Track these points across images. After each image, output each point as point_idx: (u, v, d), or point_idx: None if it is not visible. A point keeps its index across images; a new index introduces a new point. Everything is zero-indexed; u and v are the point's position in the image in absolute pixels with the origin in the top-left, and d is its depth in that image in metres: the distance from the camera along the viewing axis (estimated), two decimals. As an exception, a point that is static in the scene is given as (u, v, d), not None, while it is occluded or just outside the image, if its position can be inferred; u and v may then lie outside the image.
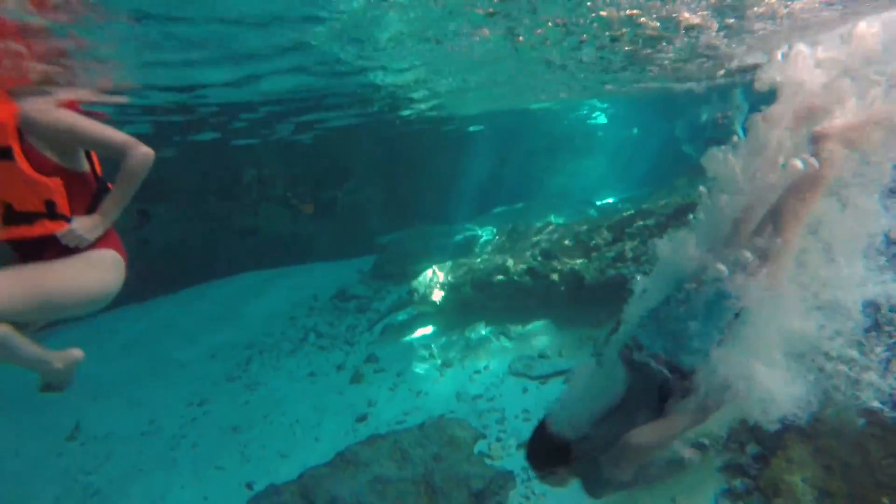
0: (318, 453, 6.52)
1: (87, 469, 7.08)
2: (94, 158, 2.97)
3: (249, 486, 6.15)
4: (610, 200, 19.72)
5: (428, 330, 9.55)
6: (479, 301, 9.02)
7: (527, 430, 6.27)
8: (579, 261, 8.11)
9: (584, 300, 7.96)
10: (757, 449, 4.33)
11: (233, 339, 10.59)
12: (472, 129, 18.21)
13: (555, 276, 8.07)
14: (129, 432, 7.83)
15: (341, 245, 15.38)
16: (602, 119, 24.36)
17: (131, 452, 7.36)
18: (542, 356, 7.62)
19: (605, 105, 19.41)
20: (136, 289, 12.69)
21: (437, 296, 9.66)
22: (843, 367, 2.39)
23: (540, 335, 8.21)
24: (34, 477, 7.02)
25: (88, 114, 2.76)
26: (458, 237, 14.31)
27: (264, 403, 8.12)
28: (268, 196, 14.27)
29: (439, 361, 8.35)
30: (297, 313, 11.67)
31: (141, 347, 10.52)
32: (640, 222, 8.43)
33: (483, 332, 8.69)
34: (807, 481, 3.75)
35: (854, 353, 2.39)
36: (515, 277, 8.51)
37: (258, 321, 11.42)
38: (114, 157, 2.75)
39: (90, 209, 2.79)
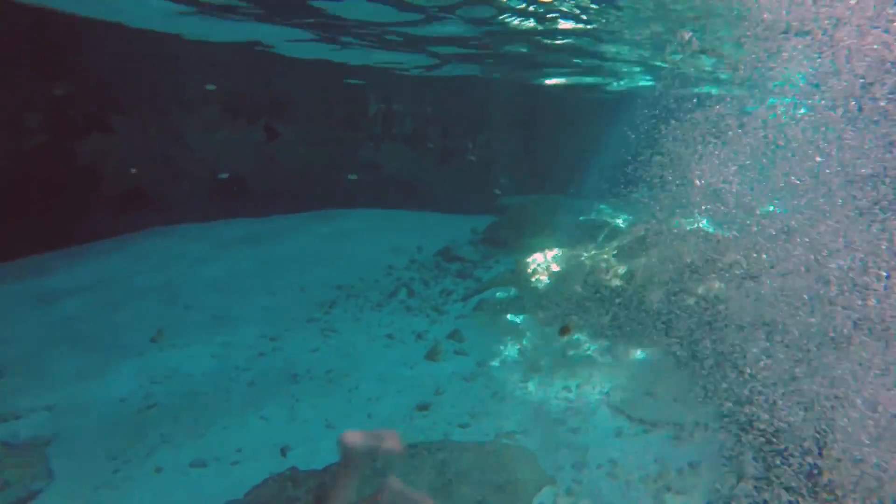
0: (364, 436, 5.80)
1: (157, 378, 7.03)
2: None
3: (284, 451, 5.60)
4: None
5: (525, 320, 8.38)
6: (588, 304, 7.64)
7: (608, 489, 5.00)
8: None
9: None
10: None
11: (326, 276, 10.23)
12: (630, 97, 16.01)
13: (691, 301, 6.44)
14: (201, 349, 7.72)
15: (461, 198, 14.47)
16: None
17: (197, 373, 7.21)
18: (649, 394, 6.15)
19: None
20: (260, 202, 12.88)
21: (544, 282, 8.40)
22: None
23: (654, 369, 6.68)
24: (122, 364, 7.15)
25: None
26: (585, 217, 12.71)
27: (332, 356, 7.58)
28: (392, 134, 13.59)
29: (527, 362, 7.19)
30: (396, 262, 11.04)
31: (244, 264, 10.54)
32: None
33: (585, 343, 7.34)
34: None
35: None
36: (641, 290, 6.98)
37: (357, 262, 10.97)
38: None
39: None
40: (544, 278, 8.43)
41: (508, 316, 8.43)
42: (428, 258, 11.36)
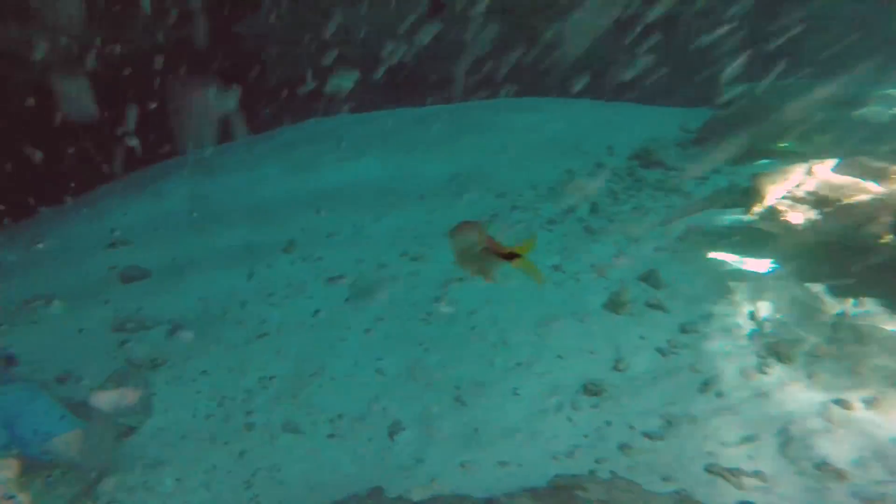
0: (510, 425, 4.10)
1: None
2: None
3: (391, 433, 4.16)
4: None
5: (764, 267, 5.66)
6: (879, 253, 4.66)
7: None
8: None
9: None
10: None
11: (488, 182, 8.37)
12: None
13: None
14: (304, 279, 6.61)
15: (669, 84, 11.09)
16: None
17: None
18: None
19: None
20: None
21: (797, 217, 5.49)
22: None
23: None
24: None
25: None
26: (867, 109, 8.73)
27: (474, 294, 5.82)
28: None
29: (767, 341, 4.67)
30: (579, 166, 8.70)
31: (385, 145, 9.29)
32: None
33: (874, 325, 4.51)
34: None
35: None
36: None
37: (531, 163, 8.88)
38: None
39: None
40: (798, 208, 5.50)
41: (738, 255, 5.80)
42: (620, 161, 8.78)
